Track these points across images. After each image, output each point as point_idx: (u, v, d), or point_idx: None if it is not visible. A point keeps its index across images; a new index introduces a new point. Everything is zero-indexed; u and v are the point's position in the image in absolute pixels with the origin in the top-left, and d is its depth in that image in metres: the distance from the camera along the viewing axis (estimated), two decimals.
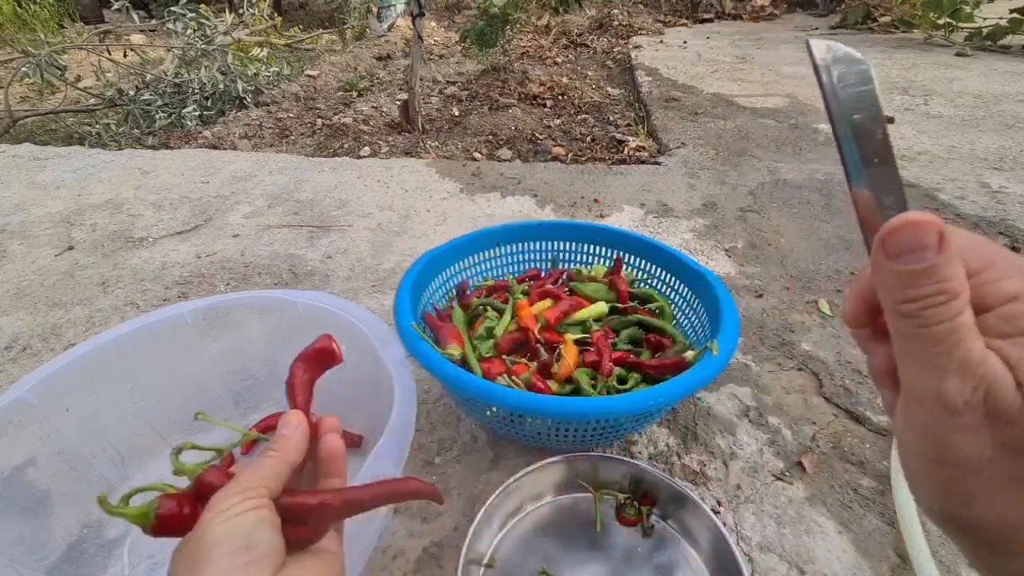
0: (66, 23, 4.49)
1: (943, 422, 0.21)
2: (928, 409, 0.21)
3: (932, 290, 0.21)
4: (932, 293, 0.21)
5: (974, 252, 0.22)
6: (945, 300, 0.20)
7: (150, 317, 0.68)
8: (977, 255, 0.22)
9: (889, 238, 0.22)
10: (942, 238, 0.21)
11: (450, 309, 0.83)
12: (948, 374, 0.20)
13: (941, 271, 0.21)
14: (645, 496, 0.62)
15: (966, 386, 0.20)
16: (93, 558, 0.58)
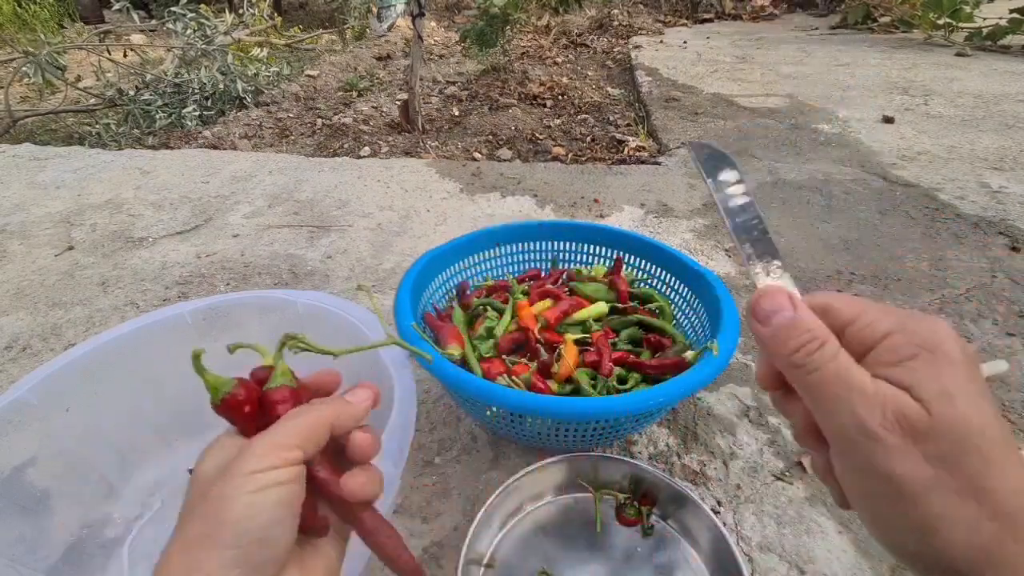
0: (66, 23, 4.49)
1: (873, 451, 0.23)
2: (855, 444, 0.24)
3: (805, 337, 0.25)
4: (806, 340, 0.25)
5: (844, 305, 0.27)
6: (819, 344, 0.25)
7: (150, 317, 0.68)
8: (848, 307, 0.26)
9: (755, 309, 0.27)
10: (792, 299, 0.27)
11: (450, 309, 0.83)
12: (855, 406, 0.24)
13: (803, 321, 0.26)
14: (645, 496, 0.62)
15: (874, 411, 0.23)
16: (93, 558, 0.58)
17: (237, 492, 0.26)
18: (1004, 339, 0.94)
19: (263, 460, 0.27)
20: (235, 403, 0.31)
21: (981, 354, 0.90)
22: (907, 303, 1.04)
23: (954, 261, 1.16)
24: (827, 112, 2.10)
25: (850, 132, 1.89)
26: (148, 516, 0.63)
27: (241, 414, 0.31)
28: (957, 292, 1.07)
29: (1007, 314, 1.00)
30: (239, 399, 0.31)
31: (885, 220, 1.33)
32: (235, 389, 0.31)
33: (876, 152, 1.72)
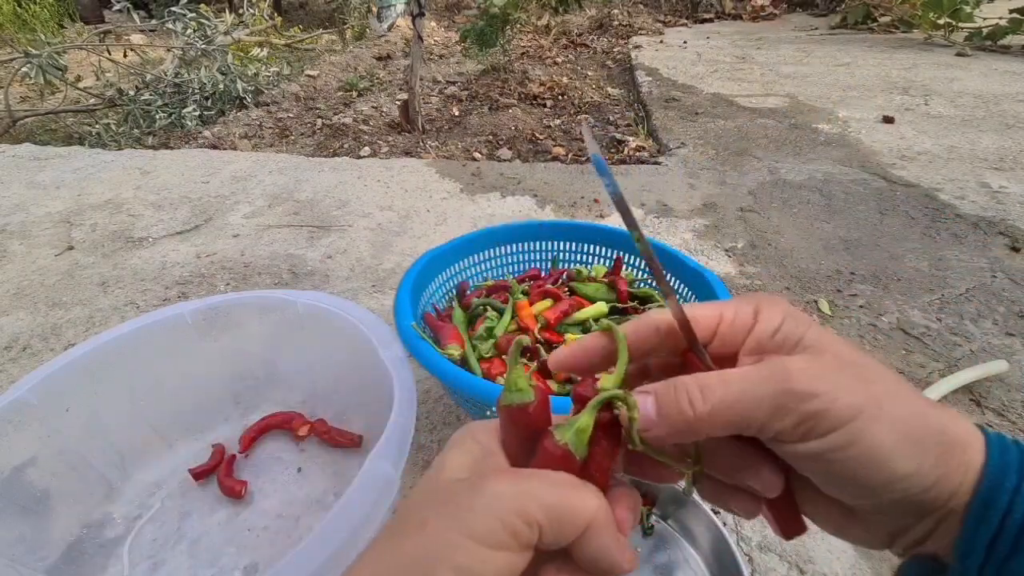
0: (66, 23, 4.49)
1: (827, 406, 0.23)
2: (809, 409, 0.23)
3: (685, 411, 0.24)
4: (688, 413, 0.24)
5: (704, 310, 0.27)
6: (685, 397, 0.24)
7: (150, 317, 0.68)
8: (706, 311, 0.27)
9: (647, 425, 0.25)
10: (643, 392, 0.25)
11: (450, 309, 0.83)
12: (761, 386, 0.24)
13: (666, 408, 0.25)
14: (645, 496, 0.62)
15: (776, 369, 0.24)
16: (93, 558, 0.58)
17: (450, 556, 0.20)
18: (1004, 339, 0.94)
19: (492, 530, 0.21)
20: (523, 419, 0.25)
21: (981, 354, 0.91)
22: (907, 303, 1.04)
23: (954, 261, 1.16)
24: (827, 112, 2.10)
25: (850, 132, 1.89)
26: (148, 516, 0.63)
27: (519, 431, 0.26)
28: (957, 292, 1.07)
29: (1007, 314, 1.00)
30: (530, 416, 0.25)
31: (885, 220, 1.33)
32: (531, 403, 0.25)
33: (876, 152, 1.72)
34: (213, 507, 0.64)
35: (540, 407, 0.26)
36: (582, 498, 0.22)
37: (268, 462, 0.69)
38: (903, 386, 0.24)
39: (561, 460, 0.24)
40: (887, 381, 0.24)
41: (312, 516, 0.63)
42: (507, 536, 0.21)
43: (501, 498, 0.21)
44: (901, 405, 0.23)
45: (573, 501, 0.22)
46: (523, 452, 0.25)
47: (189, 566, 0.58)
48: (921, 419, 0.23)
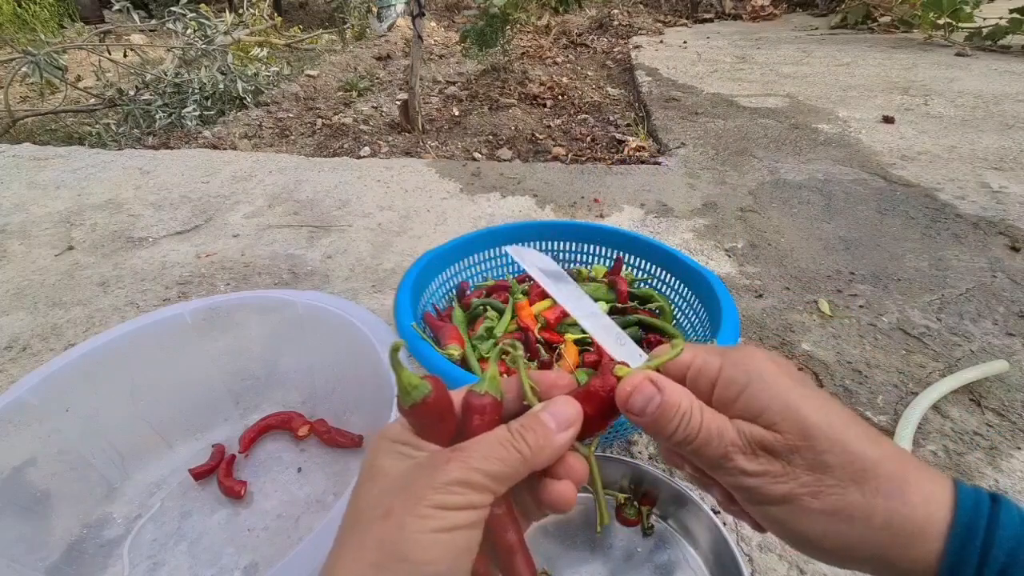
0: (66, 23, 4.49)
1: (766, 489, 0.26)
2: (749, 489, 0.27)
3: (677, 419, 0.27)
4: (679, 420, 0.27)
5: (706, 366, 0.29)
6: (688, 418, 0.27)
7: (150, 317, 0.68)
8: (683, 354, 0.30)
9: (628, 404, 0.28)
10: (656, 383, 0.28)
11: (450, 309, 0.83)
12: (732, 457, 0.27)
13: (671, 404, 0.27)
14: (645, 496, 0.62)
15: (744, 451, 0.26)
16: (93, 558, 0.58)
17: (424, 527, 0.23)
18: (1004, 339, 0.94)
19: (456, 497, 0.24)
20: (429, 412, 0.27)
21: (981, 354, 0.91)
22: (907, 303, 1.04)
23: (954, 261, 1.16)
24: (827, 112, 2.10)
25: (850, 132, 1.89)
26: (148, 516, 0.63)
27: (431, 423, 0.28)
28: (957, 292, 1.07)
29: (1007, 314, 1.00)
30: (434, 407, 0.27)
31: (885, 220, 1.33)
32: (430, 395, 0.27)
33: (876, 152, 1.72)
34: (213, 507, 0.64)
35: (439, 392, 0.28)
36: (511, 453, 0.26)
37: (268, 462, 0.69)
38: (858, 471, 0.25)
39: (490, 407, 0.28)
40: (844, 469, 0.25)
41: (312, 516, 0.63)
42: (464, 501, 0.24)
43: (454, 475, 0.24)
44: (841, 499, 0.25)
45: (505, 461, 0.26)
46: (443, 436, 0.28)
47: (189, 566, 0.58)
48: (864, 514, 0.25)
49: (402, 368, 0.28)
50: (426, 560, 0.23)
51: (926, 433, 0.76)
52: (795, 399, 0.26)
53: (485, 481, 0.25)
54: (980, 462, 0.72)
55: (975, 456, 0.73)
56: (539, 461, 0.27)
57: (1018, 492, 0.68)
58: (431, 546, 0.23)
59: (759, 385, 0.27)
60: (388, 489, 0.25)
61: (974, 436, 0.76)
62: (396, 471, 0.26)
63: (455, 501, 0.24)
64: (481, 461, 0.25)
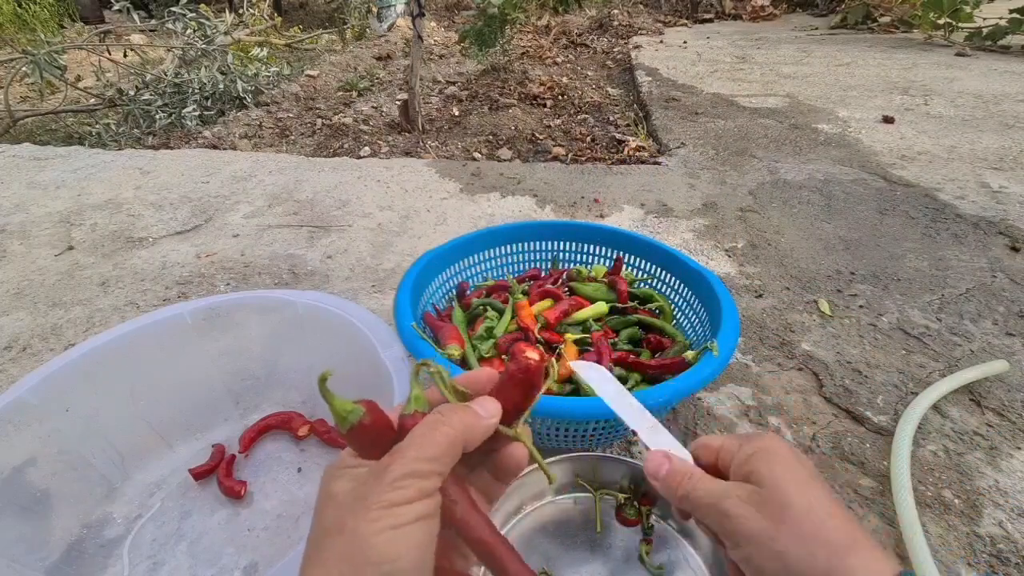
0: (66, 23, 4.49)
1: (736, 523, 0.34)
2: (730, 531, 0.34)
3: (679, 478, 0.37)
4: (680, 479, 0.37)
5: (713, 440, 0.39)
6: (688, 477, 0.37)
7: (150, 317, 0.68)
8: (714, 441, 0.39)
9: (646, 472, 0.40)
10: (667, 457, 0.39)
11: (450, 309, 0.83)
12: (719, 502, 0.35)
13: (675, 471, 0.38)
14: (645, 496, 0.62)
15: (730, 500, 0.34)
16: (93, 558, 0.58)
17: (378, 528, 0.24)
18: (1004, 339, 0.94)
19: (402, 491, 0.25)
20: (365, 433, 0.29)
21: (981, 354, 0.91)
22: (907, 303, 1.04)
23: (954, 261, 1.16)
24: (827, 112, 2.10)
25: (850, 132, 1.89)
26: (148, 516, 0.63)
27: (371, 443, 0.29)
28: (957, 292, 1.07)
29: (1007, 314, 1.00)
30: (371, 428, 0.29)
31: (885, 220, 1.33)
32: (365, 417, 0.29)
33: (876, 152, 1.72)
34: (213, 507, 0.64)
35: (374, 413, 0.29)
36: (441, 434, 0.28)
37: (268, 462, 0.69)
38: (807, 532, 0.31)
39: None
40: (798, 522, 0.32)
41: (312, 516, 0.63)
42: (414, 492, 0.25)
43: (397, 473, 0.26)
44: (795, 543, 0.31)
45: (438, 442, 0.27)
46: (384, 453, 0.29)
47: (189, 566, 0.58)
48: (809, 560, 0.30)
49: (333, 396, 0.28)
50: (388, 558, 0.24)
51: (926, 433, 0.76)
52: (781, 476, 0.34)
53: (426, 466, 0.26)
54: (980, 462, 0.72)
55: (975, 456, 0.73)
56: (471, 441, 0.29)
57: (1018, 492, 0.68)
58: (389, 544, 0.24)
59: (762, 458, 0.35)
60: (339, 507, 0.26)
61: (974, 436, 0.76)
62: (344, 490, 0.27)
63: (404, 495, 0.25)
64: (417, 449, 0.27)
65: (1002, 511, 0.66)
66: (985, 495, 0.68)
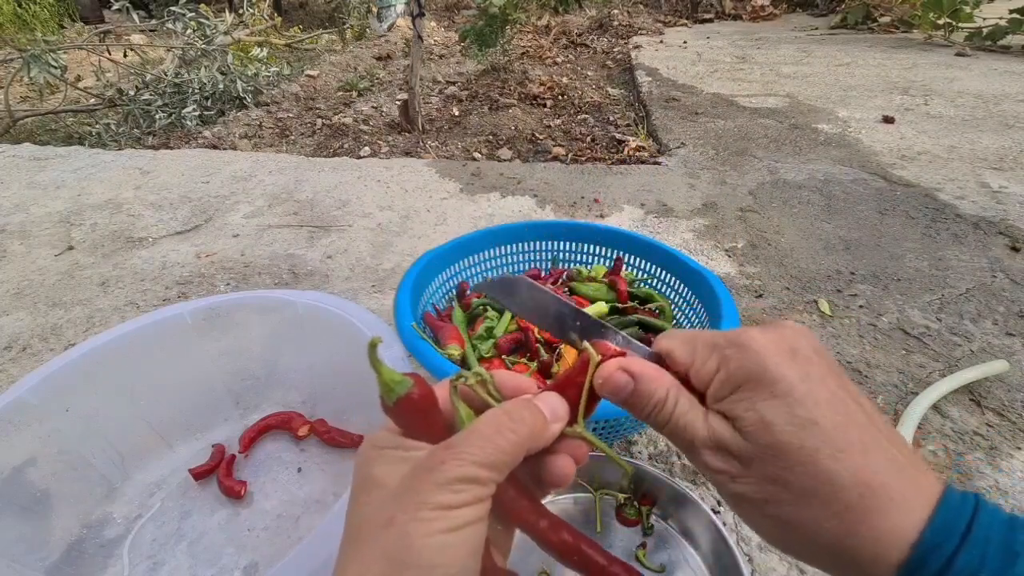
0: (66, 23, 4.49)
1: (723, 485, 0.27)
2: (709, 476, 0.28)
3: (649, 405, 0.28)
4: (651, 407, 0.28)
5: (679, 349, 0.29)
6: (661, 404, 0.28)
7: (150, 317, 0.68)
8: (682, 351, 0.29)
9: (601, 390, 0.30)
10: (629, 371, 0.29)
11: (450, 309, 0.83)
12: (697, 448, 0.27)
13: (642, 393, 0.28)
14: (645, 496, 0.62)
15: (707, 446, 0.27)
16: (93, 558, 0.58)
17: (431, 530, 0.22)
18: (1004, 339, 0.94)
19: (457, 493, 0.23)
20: (411, 406, 0.27)
21: (981, 354, 0.91)
22: (907, 303, 1.04)
23: (954, 261, 1.16)
24: (827, 112, 2.10)
25: (850, 132, 1.89)
26: (148, 516, 0.63)
27: (415, 419, 0.27)
28: (957, 292, 1.07)
29: (1007, 314, 1.00)
30: (416, 402, 0.27)
31: (885, 220, 1.33)
32: (413, 390, 0.27)
33: (876, 152, 1.72)
34: (213, 507, 0.64)
35: (422, 387, 0.27)
36: (506, 439, 0.25)
37: (268, 462, 0.69)
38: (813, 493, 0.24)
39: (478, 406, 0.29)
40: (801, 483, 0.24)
41: (312, 516, 0.63)
42: (470, 496, 0.24)
43: (454, 473, 0.24)
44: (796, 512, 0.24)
45: (503, 448, 0.25)
46: (431, 434, 0.27)
47: (189, 566, 0.58)
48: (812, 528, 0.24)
49: (382, 364, 0.27)
50: (436, 564, 0.22)
51: (926, 433, 0.76)
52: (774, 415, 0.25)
53: (485, 473, 0.24)
54: (980, 462, 0.72)
55: (975, 456, 0.73)
56: (535, 446, 0.27)
57: (1018, 492, 0.68)
58: (440, 549, 0.22)
59: (747, 391, 0.26)
60: (386, 498, 0.24)
61: (974, 436, 0.76)
62: (391, 478, 0.25)
63: (459, 499, 0.23)
64: (478, 453, 0.24)
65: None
66: (985, 495, 0.68)
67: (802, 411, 0.25)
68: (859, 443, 0.24)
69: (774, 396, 0.25)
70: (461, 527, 0.23)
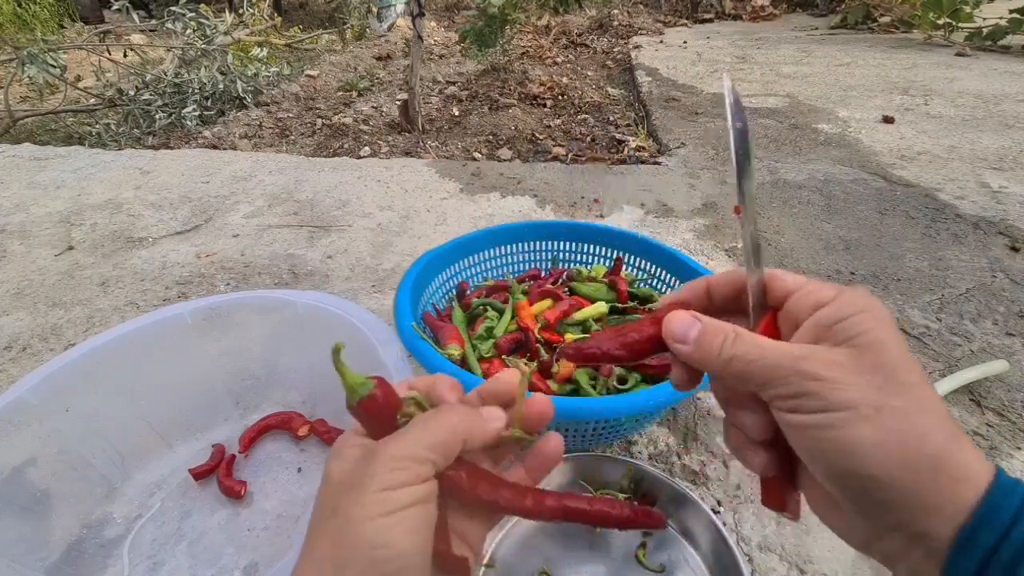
0: (66, 23, 4.49)
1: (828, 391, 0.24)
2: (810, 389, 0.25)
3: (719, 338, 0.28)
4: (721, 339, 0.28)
5: (788, 277, 0.30)
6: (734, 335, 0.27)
7: (150, 317, 0.68)
8: (791, 279, 0.29)
9: (669, 336, 0.30)
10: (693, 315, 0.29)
11: (450, 309, 0.83)
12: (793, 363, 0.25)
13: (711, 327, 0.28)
14: (645, 496, 0.62)
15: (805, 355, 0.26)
16: (93, 558, 0.58)
17: (369, 513, 0.24)
18: (1004, 339, 0.94)
19: (395, 475, 0.25)
20: (374, 406, 0.29)
21: (981, 354, 0.91)
22: (907, 303, 1.04)
23: (954, 261, 1.16)
24: (827, 112, 2.10)
25: (850, 132, 1.89)
26: (148, 516, 0.63)
27: (378, 418, 0.29)
28: (957, 292, 1.07)
29: (1007, 314, 1.00)
30: (379, 402, 0.29)
31: (885, 220, 1.33)
32: (374, 391, 0.29)
33: (876, 152, 1.72)
34: (213, 507, 0.64)
35: (384, 388, 0.29)
36: (440, 424, 0.27)
37: (268, 462, 0.69)
38: (924, 408, 0.24)
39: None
40: (909, 398, 0.24)
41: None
42: (410, 476, 0.25)
43: (393, 455, 0.25)
44: (904, 421, 0.23)
45: (436, 431, 0.27)
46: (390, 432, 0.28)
47: (189, 566, 0.58)
48: (917, 440, 0.23)
49: (346, 368, 0.28)
50: (378, 545, 0.23)
51: None
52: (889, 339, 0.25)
53: (425, 452, 0.26)
54: None
55: None
56: (472, 438, 0.28)
57: None
58: (382, 531, 0.23)
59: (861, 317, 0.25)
60: (334, 489, 0.26)
61: (974, 436, 0.76)
62: (341, 472, 0.27)
63: (399, 477, 0.25)
64: (417, 435, 0.26)
65: None
66: None
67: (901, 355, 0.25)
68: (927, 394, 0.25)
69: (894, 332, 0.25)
70: (399, 509, 0.24)
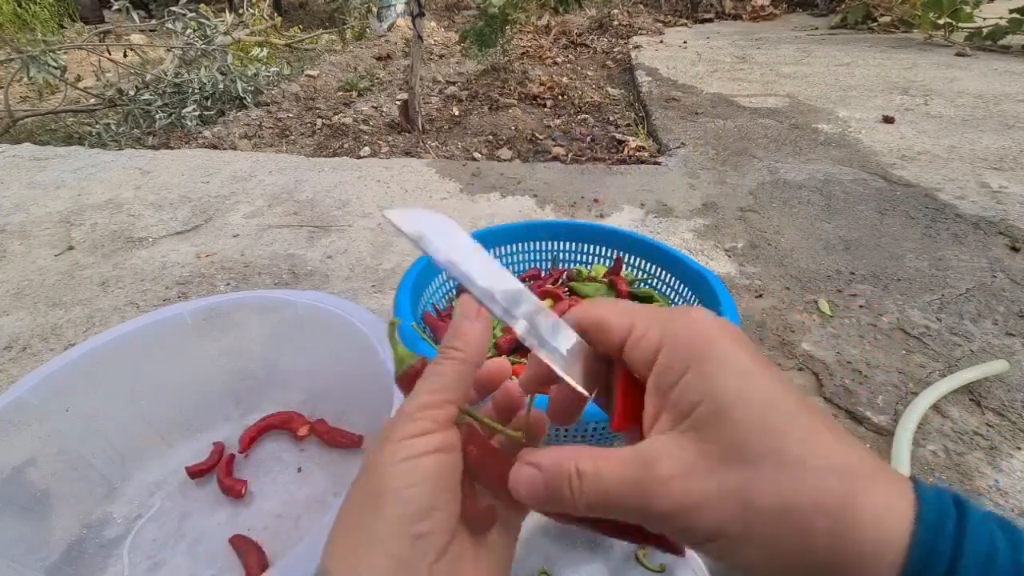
0: (66, 23, 4.49)
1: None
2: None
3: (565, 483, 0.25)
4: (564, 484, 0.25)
5: (615, 319, 0.29)
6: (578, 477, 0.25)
7: (150, 317, 0.68)
8: (618, 322, 0.28)
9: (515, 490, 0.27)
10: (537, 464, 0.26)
11: (450, 309, 0.83)
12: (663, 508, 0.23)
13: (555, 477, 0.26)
14: None
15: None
16: (93, 558, 0.58)
17: (396, 459, 0.25)
18: (1004, 339, 0.94)
19: (416, 424, 0.26)
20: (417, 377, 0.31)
21: (981, 354, 0.91)
22: (907, 303, 1.04)
23: (954, 261, 1.16)
24: (827, 112, 2.10)
25: (850, 132, 1.89)
26: (148, 516, 0.63)
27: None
28: (957, 292, 1.07)
29: (1007, 314, 1.00)
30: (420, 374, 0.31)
31: (885, 220, 1.33)
32: (418, 363, 0.31)
33: (876, 152, 1.72)
34: (213, 507, 0.64)
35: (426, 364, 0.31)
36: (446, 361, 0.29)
37: (268, 462, 0.69)
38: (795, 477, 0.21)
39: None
40: (778, 478, 0.21)
41: (312, 516, 0.63)
42: (427, 424, 0.27)
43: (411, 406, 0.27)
44: (782, 521, 0.21)
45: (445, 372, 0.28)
46: None
47: (189, 566, 0.58)
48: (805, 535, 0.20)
49: (398, 343, 0.32)
50: (402, 487, 0.25)
51: (926, 433, 0.76)
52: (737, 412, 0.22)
53: (438, 396, 0.27)
54: (980, 462, 0.72)
55: (975, 456, 0.73)
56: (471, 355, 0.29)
57: (1018, 492, 0.68)
58: (401, 474, 0.25)
59: (688, 379, 0.24)
60: (368, 452, 0.28)
61: (974, 436, 0.76)
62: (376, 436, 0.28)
63: (418, 427, 0.26)
64: (428, 383, 0.28)
65: (1002, 511, 0.66)
66: (985, 495, 0.68)
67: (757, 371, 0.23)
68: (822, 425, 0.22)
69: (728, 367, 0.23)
70: (424, 453, 0.26)
